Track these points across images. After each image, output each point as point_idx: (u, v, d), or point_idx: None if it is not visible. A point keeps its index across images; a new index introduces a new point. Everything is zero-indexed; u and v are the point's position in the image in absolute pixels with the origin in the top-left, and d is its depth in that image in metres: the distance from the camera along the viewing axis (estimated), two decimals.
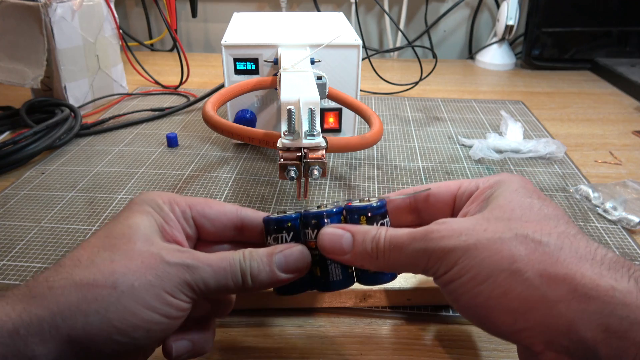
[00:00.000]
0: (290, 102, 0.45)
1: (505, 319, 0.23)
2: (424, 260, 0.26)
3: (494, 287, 0.23)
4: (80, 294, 0.23)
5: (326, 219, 0.30)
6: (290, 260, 0.28)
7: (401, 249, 0.26)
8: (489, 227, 0.24)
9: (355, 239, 0.28)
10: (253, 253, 0.28)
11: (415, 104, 0.84)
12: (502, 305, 0.23)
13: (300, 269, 0.29)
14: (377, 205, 0.30)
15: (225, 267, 0.26)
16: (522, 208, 0.25)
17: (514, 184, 0.28)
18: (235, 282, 0.27)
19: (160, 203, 0.29)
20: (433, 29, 1.18)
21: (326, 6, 1.17)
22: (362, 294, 0.39)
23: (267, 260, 0.28)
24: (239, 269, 0.27)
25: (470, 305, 0.24)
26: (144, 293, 0.24)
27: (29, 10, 0.67)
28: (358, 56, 0.61)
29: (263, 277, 0.27)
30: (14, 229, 0.49)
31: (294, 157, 0.42)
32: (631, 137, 0.73)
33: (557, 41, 1.04)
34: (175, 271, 0.25)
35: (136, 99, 0.84)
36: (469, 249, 0.24)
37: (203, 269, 0.26)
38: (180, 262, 0.25)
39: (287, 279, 0.28)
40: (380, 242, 0.27)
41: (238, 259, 0.27)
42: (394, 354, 0.36)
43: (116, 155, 0.64)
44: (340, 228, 0.29)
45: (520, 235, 0.24)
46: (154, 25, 1.22)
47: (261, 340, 0.36)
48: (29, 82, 0.69)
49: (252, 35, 0.63)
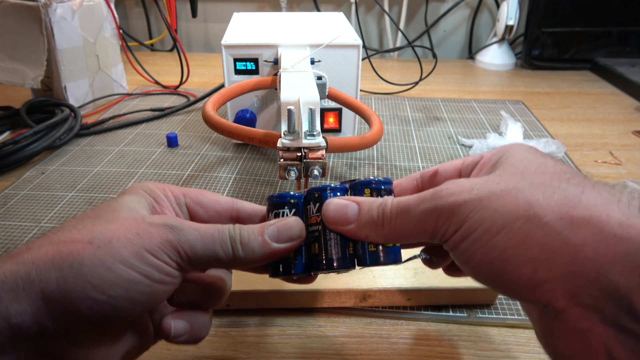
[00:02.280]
0: (290, 102, 0.45)
1: (524, 271, 0.21)
2: (433, 221, 0.23)
3: (510, 237, 0.21)
4: (55, 249, 0.22)
5: (329, 192, 0.28)
6: (283, 229, 0.27)
7: (409, 212, 0.24)
8: (502, 180, 0.22)
9: (360, 208, 0.27)
10: (243, 225, 0.27)
11: (415, 104, 0.84)
12: (519, 255, 0.21)
13: (293, 237, 0.27)
14: (382, 180, 0.29)
15: (213, 233, 0.25)
16: (536, 164, 0.23)
17: (523, 147, 0.26)
18: (225, 250, 0.25)
19: (152, 187, 0.28)
20: (433, 29, 1.18)
21: (326, 6, 1.17)
22: (362, 294, 0.39)
23: (258, 230, 0.26)
24: (227, 236, 0.26)
25: (485, 262, 0.22)
26: (122, 249, 0.23)
27: (29, 10, 0.67)
28: (358, 56, 0.61)
29: (254, 245, 0.26)
30: (14, 229, 0.49)
31: (294, 157, 0.42)
32: (631, 137, 0.73)
33: (557, 41, 1.04)
34: (157, 230, 0.24)
35: (136, 99, 0.84)
36: (481, 200, 0.22)
37: (188, 231, 0.25)
38: (163, 222, 0.24)
39: (280, 249, 0.27)
40: (387, 207, 0.25)
41: (227, 228, 0.26)
42: (394, 354, 0.36)
43: (116, 155, 0.64)
44: (346, 199, 0.27)
45: (537, 183, 0.22)
46: (154, 25, 1.22)
47: (261, 340, 0.36)
48: (29, 82, 0.69)
49: (252, 35, 0.63)
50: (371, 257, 0.28)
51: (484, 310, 0.39)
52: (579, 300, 0.20)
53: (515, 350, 0.36)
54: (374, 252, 0.27)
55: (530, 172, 0.23)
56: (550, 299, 0.20)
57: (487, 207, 0.22)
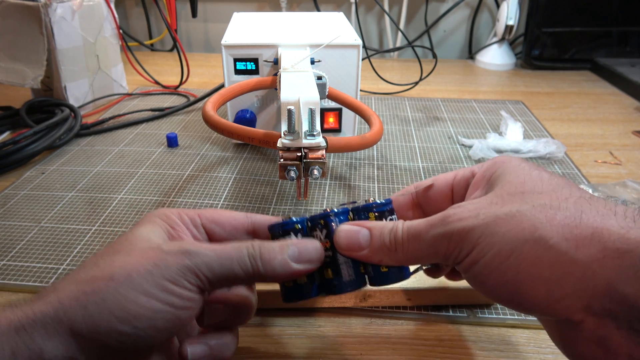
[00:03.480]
0: (290, 102, 0.45)
1: (539, 291, 0.22)
2: (444, 245, 0.25)
3: (521, 260, 0.22)
4: (79, 288, 0.23)
5: (333, 218, 0.29)
6: (304, 251, 0.27)
7: (420, 238, 0.26)
8: (505, 203, 0.24)
9: (372, 234, 0.28)
10: (264, 242, 0.27)
11: (415, 104, 0.84)
12: (532, 277, 0.22)
13: (313, 260, 0.28)
14: (384, 202, 0.30)
15: (231, 252, 0.26)
16: (532, 180, 0.25)
17: (513, 161, 0.27)
18: (244, 268, 0.26)
19: (167, 213, 0.29)
20: (433, 29, 1.18)
21: (326, 6, 1.17)
22: (362, 294, 0.39)
23: (279, 249, 0.27)
24: (246, 254, 0.26)
25: (499, 284, 0.23)
26: (142, 281, 0.24)
27: (29, 10, 0.67)
28: (358, 56, 0.61)
29: (275, 264, 0.27)
30: (14, 229, 0.49)
31: (294, 157, 0.42)
32: (631, 137, 0.73)
33: (557, 41, 1.04)
34: (174, 258, 0.25)
35: (136, 99, 0.84)
36: (488, 225, 0.23)
37: (204, 254, 0.25)
38: (179, 249, 0.25)
39: (299, 270, 0.27)
40: (398, 233, 0.26)
41: (245, 246, 0.27)
42: (394, 354, 0.36)
43: (116, 155, 0.64)
44: (356, 225, 0.28)
45: (538, 205, 0.23)
46: (154, 25, 1.22)
47: (261, 340, 0.36)
48: (29, 82, 0.69)
49: (252, 35, 0.63)
50: (383, 278, 0.29)
51: (484, 310, 0.39)
52: (594, 311, 0.21)
53: (515, 350, 0.36)
54: (386, 273, 0.29)
55: (530, 192, 0.24)
56: (567, 313, 0.22)
57: (495, 232, 0.23)
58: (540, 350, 0.36)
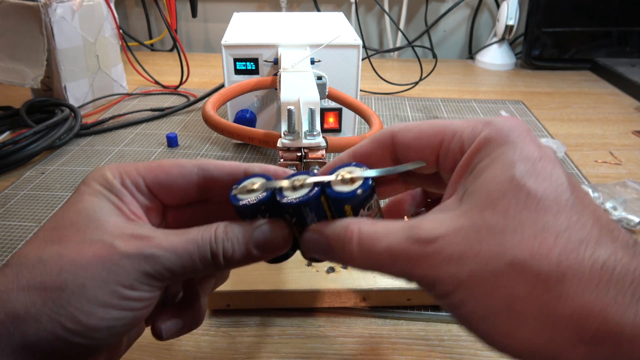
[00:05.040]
0: (290, 102, 0.45)
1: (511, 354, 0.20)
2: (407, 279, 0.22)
3: (495, 327, 0.20)
4: (29, 299, 0.21)
5: (304, 208, 0.25)
6: (269, 238, 0.25)
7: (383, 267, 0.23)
8: (481, 250, 0.20)
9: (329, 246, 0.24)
10: (228, 230, 0.25)
11: (415, 104, 0.84)
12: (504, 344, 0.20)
13: (278, 247, 0.25)
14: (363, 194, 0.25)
15: (192, 251, 0.24)
16: (515, 208, 0.20)
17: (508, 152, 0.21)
18: (204, 264, 0.24)
19: (109, 178, 0.26)
20: (433, 29, 1.18)
21: (326, 6, 1.17)
22: (362, 294, 0.39)
23: (242, 239, 0.25)
24: (208, 251, 0.24)
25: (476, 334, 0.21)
26: (97, 291, 0.22)
27: (29, 10, 0.67)
28: (358, 56, 0.61)
29: (237, 256, 0.24)
30: (14, 229, 0.49)
31: (294, 157, 0.42)
32: (631, 137, 0.73)
33: (557, 41, 1.04)
34: (132, 263, 0.22)
35: (136, 99, 0.84)
36: (460, 284, 0.20)
37: (165, 257, 0.23)
38: (137, 252, 0.23)
39: (263, 259, 0.25)
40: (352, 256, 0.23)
41: (208, 240, 0.24)
42: (394, 354, 0.36)
43: (116, 155, 0.64)
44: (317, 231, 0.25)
45: (517, 265, 0.19)
46: (154, 25, 1.22)
47: (261, 340, 0.36)
48: (29, 82, 0.69)
49: (252, 35, 0.63)
50: None
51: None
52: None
53: None
54: None
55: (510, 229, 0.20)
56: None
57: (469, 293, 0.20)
58: None
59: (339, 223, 0.24)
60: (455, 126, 0.24)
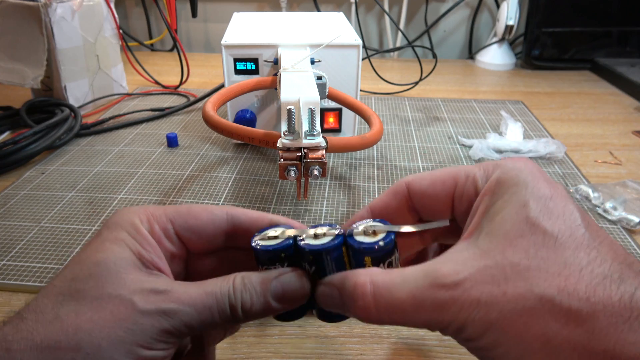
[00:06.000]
0: (290, 102, 0.45)
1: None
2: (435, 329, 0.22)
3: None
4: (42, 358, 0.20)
5: (325, 256, 0.25)
6: (288, 290, 0.25)
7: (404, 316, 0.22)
8: (508, 287, 0.20)
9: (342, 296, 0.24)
10: (246, 282, 0.24)
11: (415, 104, 0.84)
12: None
13: (297, 298, 0.25)
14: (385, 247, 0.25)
15: (211, 305, 0.23)
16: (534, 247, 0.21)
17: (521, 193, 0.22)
18: (223, 318, 0.24)
19: (136, 224, 0.25)
20: (433, 29, 1.18)
21: (326, 6, 1.17)
22: None
23: (261, 290, 0.24)
24: (227, 304, 0.24)
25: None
26: (113, 352, 0.21)
27: (29, 10, 0.68)
28: (358, 56, 0.61)
29: (256, 309, 0.24)
30: (14, 229, 0.49)
31: (294, 157, 0.42)
32: (631, 137, 0.73)
33: (557, 41, 1.04)
34: (151, 321, 0.22)
35: (136, 99, 0.84)
36: (491, 325, 0.20)
37: (184, 312, 0.23)
38: (156, 308, 0.22)
39: (281, 310, 0.25)
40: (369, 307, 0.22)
41: (227, 292, 0.24)
42: (394, 354, 0.36)
43: (116, 155, 0.64)
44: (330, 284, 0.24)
45: (547, 302, 0.19)
46: (154, 25, 1.22)
47: (261, 340, 0.36)
48: (29, 82, 0.69)
49: (252, 35, 0.63)
50: None
51: None
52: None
53: None
54: None
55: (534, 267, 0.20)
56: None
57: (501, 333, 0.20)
58: None
59: (350, 272, 0.24)
60: (467, 170, 0.25)
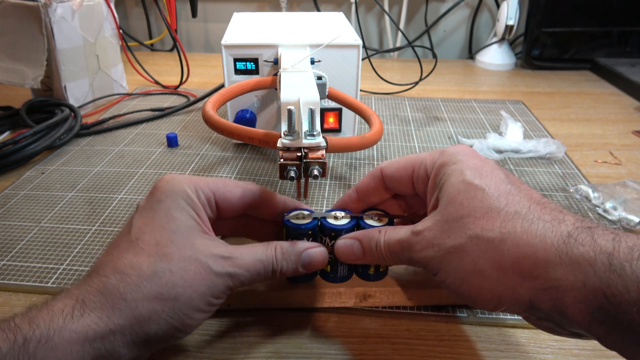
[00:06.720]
0: (290, 102, 0.45)
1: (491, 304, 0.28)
2: (415, 265, 0.32)
3: (472, 286, 0.28)
4: (151, 307, 0.28)
5: (344, 233, 0.36)
6: (313, 261, 0.34)
7: (397, 256, 0.33)
8: (450, 234, 0.29)
9: (363, 246, 0.34)
10: (285, 252, 0.33)
11: (415, 104, 0.84)
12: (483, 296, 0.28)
13: (318, 267, 0.35)
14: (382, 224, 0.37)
15: (260, 269, 0.32)
16: (468, 200, 0.29)
17: (458, 166, 0.31)
18: (265, 277, 0.33)
19: (190, 193, 0.32)
20: (433, 29, 1.18)
21: (326, 6, 1.17)
22: (362, 294, 0.39)
23: (294, 259, 0.34)
24: (271, 269, 0.33)
25: (461, 295, 0.29)
26: (199, 301, 0.30)
27: (29, 10, 0.67)
28: (358, 56, 0.61)
29: (289, 273, 0.34)
30: (14, 229, 0.49)
31: (294, 157, 0.42)
32: (631, 137, 0.73)
33: (557, 41, 1.04)
34: (222, 280, 0.30)
35: (136, 99, 0.84)
36: (442, 259, 0.29)
37: (242, 275, 0.31)
38: (225, 271, 0.31)
39: (303, 273, 0.35)
40: (381, 249, 0.33)
41: (271, 260, 0.33)
42: (394, 354, 0.36)
43: (116, 155, 0.64)
44: (351, 237, 0.35)
45: (473, 237, 0.28)
46: (154, 25, 1.22)
47: (261, 340, 0.36)
48: (29, 82, 0.69)
49: (252, 35, 0.63)
50: (369, 276, 0.39)
51: (484, 310, 0.39)
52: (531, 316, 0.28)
53: (516, 350, 0.36)
54: (371, 275, 0.38)
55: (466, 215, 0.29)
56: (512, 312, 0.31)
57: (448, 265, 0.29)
58: (540, 350, 0.36)
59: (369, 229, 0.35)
60: (421, 157, 0.34)
